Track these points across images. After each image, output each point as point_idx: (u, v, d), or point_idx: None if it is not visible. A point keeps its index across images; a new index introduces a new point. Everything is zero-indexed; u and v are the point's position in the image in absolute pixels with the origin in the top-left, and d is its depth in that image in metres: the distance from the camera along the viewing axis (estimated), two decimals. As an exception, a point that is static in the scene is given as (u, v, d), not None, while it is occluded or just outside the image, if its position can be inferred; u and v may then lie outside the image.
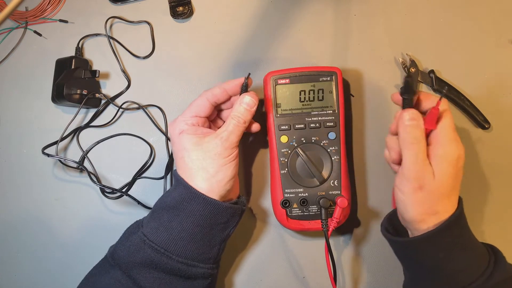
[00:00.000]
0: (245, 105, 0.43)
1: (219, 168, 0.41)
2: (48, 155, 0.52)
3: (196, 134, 0.42)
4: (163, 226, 0.40)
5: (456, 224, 0.37)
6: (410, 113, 0.38)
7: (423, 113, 0.40)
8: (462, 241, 0.38)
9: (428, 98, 0.40)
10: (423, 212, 0.38)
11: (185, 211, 0.40)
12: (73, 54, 0.57)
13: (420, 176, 0.37)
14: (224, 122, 0.44)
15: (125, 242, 0.42)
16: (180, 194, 0.41)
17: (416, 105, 0.41)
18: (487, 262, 0.37)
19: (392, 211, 0.44)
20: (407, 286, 0.44)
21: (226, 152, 0.42)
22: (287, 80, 0.49)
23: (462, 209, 0.38)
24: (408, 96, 0.40)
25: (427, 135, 0.39)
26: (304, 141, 0.48)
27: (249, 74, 0.45)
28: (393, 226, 0.44)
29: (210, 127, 0.46)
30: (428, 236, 0.37)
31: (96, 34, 0.59)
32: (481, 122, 0.52)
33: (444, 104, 0.39)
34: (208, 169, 0.41)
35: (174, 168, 0.45)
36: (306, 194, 0.48)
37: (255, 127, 0.48)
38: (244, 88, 0.45)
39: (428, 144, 0.39)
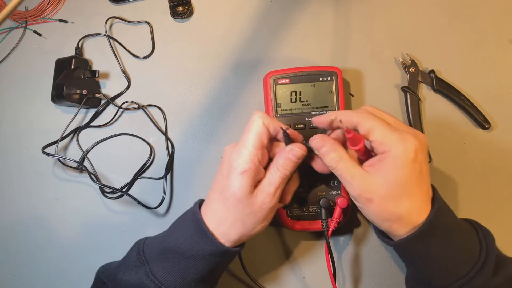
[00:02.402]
0: (293, 157, 0.38)
1: (257, 224, 0.38)
2: (48, 154, 0.52)
3: (255, 179, 0.38)
4: (178, 272, 0.38)
5: (427, 233, 0.36)
6: (319, 141, 0.38)
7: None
8: (437, 247, 0.36)
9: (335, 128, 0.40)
10: (386, 219, 0.37)
11: (206, 262, 0.38)
12: (72, 54, 0.57)
13: (360, 192, 0.36)
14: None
15: (129, 278, 0.39)
16: (204, 248, 0.38)
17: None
18: (471, 265, 0.36)
19: None
20: (407, 278, 0.44)
21: (270, 210, 0.38)
22: (287, 80, 0.49)
23: (433, 215, 0.36)
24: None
25: (363, 149, 0.38)
26: (304, 141, 0.48)
27: (287, 128, 0.40)
28: None
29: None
30: (400, 243, 0.37)
31: (96, 34, 0.59)
32: (481, 122, 0.52)
33: (357, 116, 0.38)
34: (247, 224, 0.38)
35: (200, 202, 0.41)
36: (306, 194, 0.48)
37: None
38: (288, 139, 0.40)
39: (374, 154, 0.38)
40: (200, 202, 0.42)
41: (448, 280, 0.36)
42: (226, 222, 0.38)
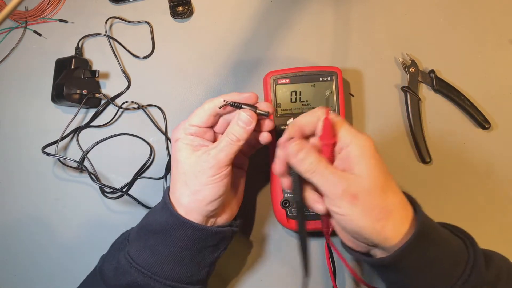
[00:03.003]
0: (241, 122, 0.40)
1: (200, 186, 0.38)
2: (48, 154, 0.51)
3: (191, 145, 0.40)
4: (149, 248, 0.39)
5: (426, 229, 0.34)
6: (295, 145, 0.36)
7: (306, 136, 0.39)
8: (434, 248, 0.34)
9: (312, 113, 0.38)
10: (377, 218, 0.34)
11: (171, 237, 0.39)
12: (73, 54, 0.57)
13: (345, 187, 0.34)
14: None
15: (112, 260, 0.40)
16: (166, 220, 0.39)
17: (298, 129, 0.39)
18: (464, 264, 0.34)
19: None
20: None
21: (212, 171, 0.38)
22: (287, 80, 0.49)
23: (422, 210, 0.35)
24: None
25: (330, 148, 0.37)
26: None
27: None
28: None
29: (215, 138, 0.43)
30: (403, 248, 0.33)
31: (96, 34, 0.59)
32: (481, 122, 0.52)
33: (327, 111, 0.37)
34: (190, 185, 0.39)
35: (168, 184, 0.43)
36: (306, 194, 0.47)
37: (265, 137, 0.43)
38: (238, 104, 0.40)
39: (334, 154, 0.37)
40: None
41: (444, 285, 0.34)
42: (175, 187, 0.40)
